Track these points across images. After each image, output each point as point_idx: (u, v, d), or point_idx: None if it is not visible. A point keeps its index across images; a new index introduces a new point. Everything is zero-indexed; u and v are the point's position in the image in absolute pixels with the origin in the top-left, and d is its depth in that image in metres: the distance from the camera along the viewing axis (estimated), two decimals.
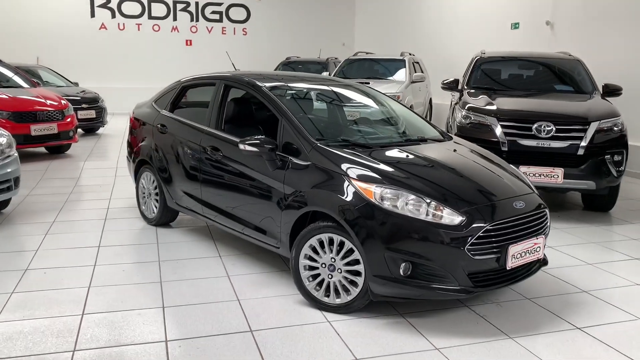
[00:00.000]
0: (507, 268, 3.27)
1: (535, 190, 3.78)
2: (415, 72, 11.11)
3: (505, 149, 5.60)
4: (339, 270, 3.39)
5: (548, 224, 3.61)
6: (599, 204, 6.11)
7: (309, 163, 3.62)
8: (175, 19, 17.38)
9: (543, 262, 3.69)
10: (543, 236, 3.49)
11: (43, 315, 3.35)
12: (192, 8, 17.50)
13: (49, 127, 8.44)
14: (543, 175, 5.47)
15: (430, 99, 12.91)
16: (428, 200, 3.23)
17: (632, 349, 3.09)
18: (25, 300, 3.57)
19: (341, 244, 3.37)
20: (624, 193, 7.03)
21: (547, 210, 3.61)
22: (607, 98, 6.49)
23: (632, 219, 5.93)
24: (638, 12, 8.42)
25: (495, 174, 3.74)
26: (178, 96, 5.19)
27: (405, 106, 5.11)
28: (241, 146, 3.79)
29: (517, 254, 3.30)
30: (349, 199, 3.33)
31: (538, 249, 3.45)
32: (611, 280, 4.13)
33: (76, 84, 12.59)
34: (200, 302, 3.59)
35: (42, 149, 9.35)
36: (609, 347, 3.11)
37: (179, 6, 17.36)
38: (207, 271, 4.14)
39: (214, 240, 4.87)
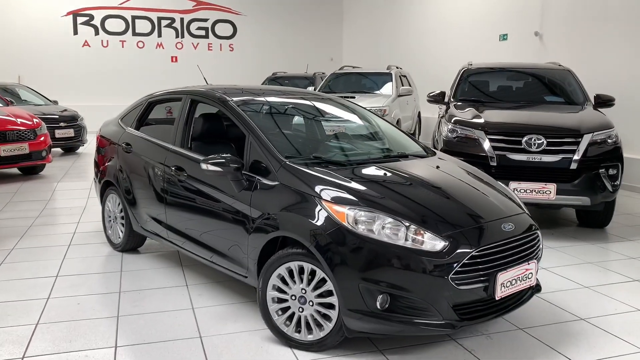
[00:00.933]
0: (496, 298, 2.93)
1: (525, 209, 3.45)
2: (403, 86, 10.86)
3: (494, 163, 5.29)
4: (311, 303, 3.04)
5: (540, 247, 3.29)
6: (594, 220, 5.80)
7: (277, 183, 3.29)
8: (160, 35, 17.13)
9: (536, 288, 3.35)
10: (535, 261, 3.16)
11: None
12: (177, 24, 17.28)
13: (20, 147, 8.08)
14: (535, 191, 5.16)
15: (419, 113, 12.65)
16: (407, 224, 2.90)
17: None
18: None
19: (312, 273, 3.03)
20: (621, 208, 6.74)
21: (539, 232, 3.28)
22: (599, 109, 6.22)
23: (630, 235, 5.62)
24: (627, 21, 8.21)
25: (481, 192, 3.42)
26: (144, 113, 4.87)
27: (386, 120, 4.80)
28: (203, 166, 3.45)
29: (507, 281, 2.96)
30: (319, 222, 2.99)
31: (530, 275, 3.11)
32: (610, 306, 3.80)
33: (55, 102, 12.24)
34: (158, 340, 3.23)
35: (15, 170, 8.98)
36: None
37: (164, 22, 17.12)
38: (171, 303, 3.78)
39: (183, 267, 4.51)
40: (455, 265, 2.80)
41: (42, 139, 8.47)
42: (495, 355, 3.07)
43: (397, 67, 11.47)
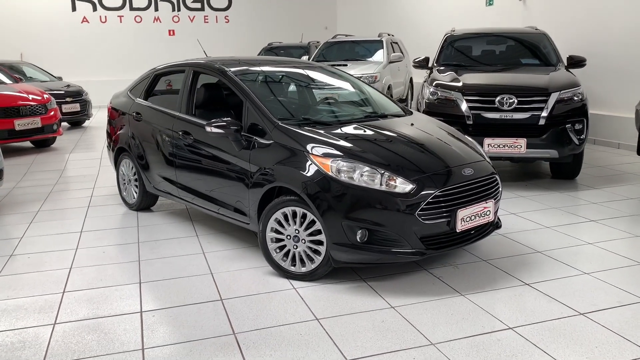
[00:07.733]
0: (457, 231, 3.50)
1: (487, 158, 4.00)
2: (394, 52, 11.26)
3: (471, 122, 5.82)
4: (303, 241, 3.61)
5: (499, 189, 3.84)
6: (565, 172, 6.34)
7: (271, 142, 3.83)
8: (156, 9, 17.40)
9: (496, 225, 3.92)
10: (493, 200, 3.72)
11: (26, 295, 3.57)
12: None
13: (33, 121, 8.60)
14: (507, 146, 5.69)
15: (411, 78, 13.08)
16: (382, 171, 3.45)
17: (573, 300, 3.33)
18: (10, 282, 3.79)
19: (304, 216, 3.59)
20: (592, 161, 7.29)
21: (497, 177, 3.83)
22: (572, 69, 6.69)
23: (597, 184, 6.16)
24: None
25: (447, 144, 3.95)
26: (151, 84, 5.37)
27: (371, 86, 5.30)
28: (207, 128, 3.99)
29: (467, 217, 3.53)
30: (309, 173, 3.54)
31: (488, 213, 3.68)
32: (565, 241, 4.38)
33: (60, 79, 12.69)
34: (175, 277, 3.82)
35: (28, 143, 9.51)
36: (553, 299, 3.35)
37: None
38: (184, 249, 4.37)
39: (192, 221, 5.09)
40: (421, 203, 3.36)
41: (52, 113, 8.99)
42: (459, 281, 3.65)
43: (388, 34, 11.85)
